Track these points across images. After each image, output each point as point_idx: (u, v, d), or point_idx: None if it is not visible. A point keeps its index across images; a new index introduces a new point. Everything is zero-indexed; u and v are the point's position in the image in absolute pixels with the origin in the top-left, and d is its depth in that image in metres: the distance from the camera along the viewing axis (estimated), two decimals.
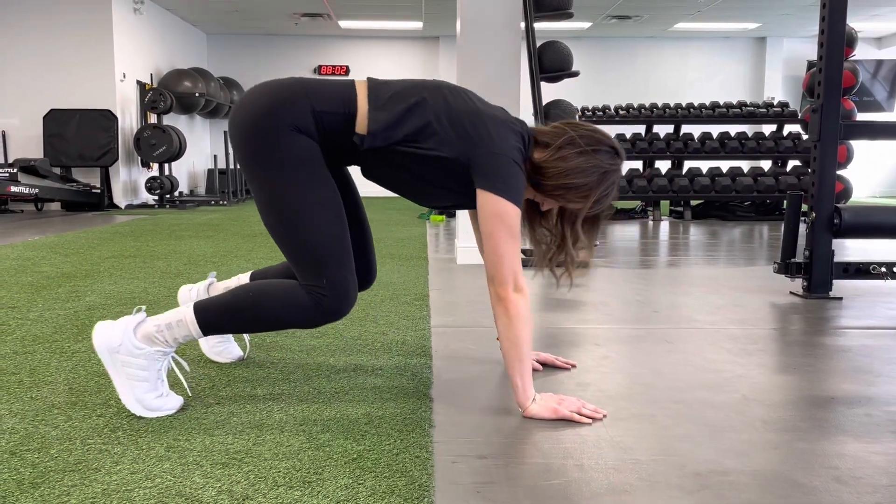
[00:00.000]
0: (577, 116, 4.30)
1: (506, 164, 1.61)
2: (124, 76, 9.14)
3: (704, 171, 7.90)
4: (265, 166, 1.63)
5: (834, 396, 1.81)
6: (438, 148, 1.63)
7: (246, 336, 2.14)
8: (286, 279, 1.74)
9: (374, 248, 1.98)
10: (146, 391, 1.61)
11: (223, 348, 2.07)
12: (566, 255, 1.79)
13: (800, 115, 8.37)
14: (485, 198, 1.61)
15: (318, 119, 1.62)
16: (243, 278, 2.02)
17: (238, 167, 10.74)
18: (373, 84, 1.69)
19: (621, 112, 8.53)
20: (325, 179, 1.66)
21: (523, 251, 1.76)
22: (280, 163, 1.61)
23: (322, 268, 1.63)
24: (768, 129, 10.61)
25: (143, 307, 1.69)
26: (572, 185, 1.67)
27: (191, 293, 2.03)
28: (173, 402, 1.66)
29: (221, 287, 2.02)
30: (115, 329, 1.61)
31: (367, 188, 2.07)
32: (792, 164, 8.24)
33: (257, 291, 1.68)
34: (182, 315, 1.64)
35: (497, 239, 1.60)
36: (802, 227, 3.24)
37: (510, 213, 1.60)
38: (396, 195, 2.05)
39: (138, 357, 1.61)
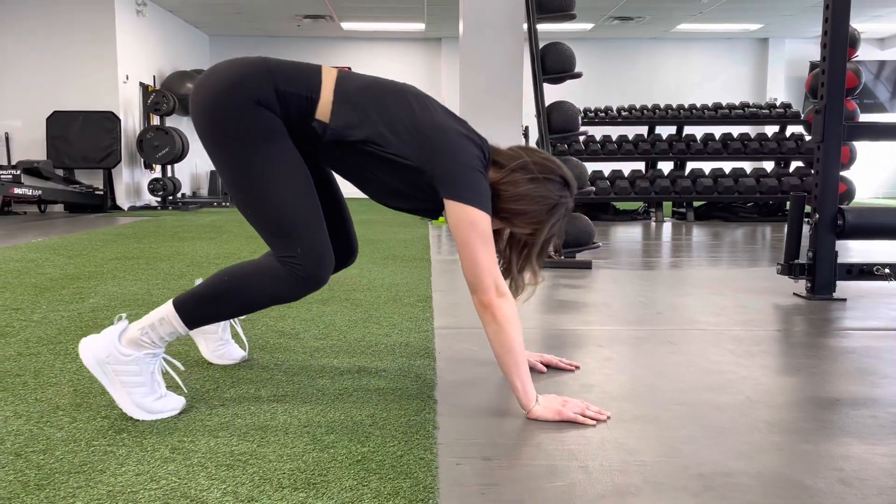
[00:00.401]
0: (579, 118, 4.29)
1: (470, 174, 1.62)
2: (127, 78, 9.16)
3: (707, 172, 7.90)
4: (228, 141, 1.62)
5: (838, 398, 1.81)
6: (399, 154, 1.63)
7: (243, 338, 2.14)
8: (261, 258, 1.73)
9: (352, 221, 1.97)
10: (144, 395, 1.61)
11: (224, 351, 2.07)
12: (511, 280, 1.79)
13: (802, 116, 8.36)
14: (454, 208, 1.61)
15: (280, 98, 1.62)
16: None
17: None
18: (341, 76, 1.69)
19: (624, 113, 8.52)
20: (289, 150, 1.64)
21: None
22: (242, 136, 1.60)
23: (293, 237, 1.62)
24: (771, 130, 10.60)
25: (125, 315, 1.67)
26: (520, 210, 1.68)
27: None
28: (174, 402, 1.66)
29: None
30: (100, 341, 1.61)
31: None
32: (795, 165, 8.24)
33: (232, 273, 1.66)
34: (163, 313, 1.63)
35: (472, 247, 1.60)
36: (806, 229, 3.24)
37: (481, 220, 1.60)
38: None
39: (129, 364, 1.60)
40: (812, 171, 3.21)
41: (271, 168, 1.61)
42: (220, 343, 2.06)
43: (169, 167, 9.49)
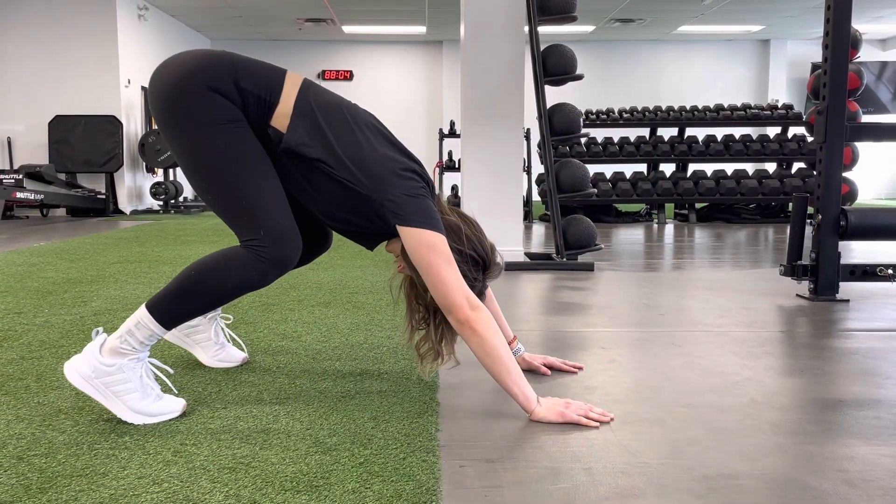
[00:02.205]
0: (581, 119, 4.29)
1: (420, 201, 1.64)
2: (129, 82, 9.18)
3: (709, 173, 7.90)
4: (185, 126, 1.61)
5: (842, 399, 1.80)
6: (350, 180, 1.63)
7: (233, 334, 2.13)
8: (226, 248, 1.72)
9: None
10: (139, 399, 1.60)
11: (224, 354, 2.07)
12: (430, 343, 1.76)
13: (804, 117, 8.35)
14: (411, 234, 1.61)
15: (240, 93, 1.62)
16: None
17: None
18: (304, 87, 1.69)
19: (625, 115, 8.52)
20: (246, 136, 1.63)
21: None
22: (199, 121, 1.60)
23: (255, 219, 1.61)
24: (773, 131, 10.58)
25: (101, 328, 1.66)
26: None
27: None
28: (173, 404, 1.65)
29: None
30: (82, 360, 1.60)
31: None
32: (797, 166, 8.23)
33: (198, 267, 1.65)
34: (138, 318, 1.62)
35: (436, 269, 1.61)
36: (808, 230, 3.23)
37: (438, 241, 1.61)
38: None
39: (115, 373, 1.59)
40: (814, 172, 3.20)
41: (229, 152, 1.61)
42: (217, 348, 2.06)
43: (171, 171, 9.50)
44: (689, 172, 8.10)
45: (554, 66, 4.23)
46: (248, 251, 1.62)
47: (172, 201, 9.30)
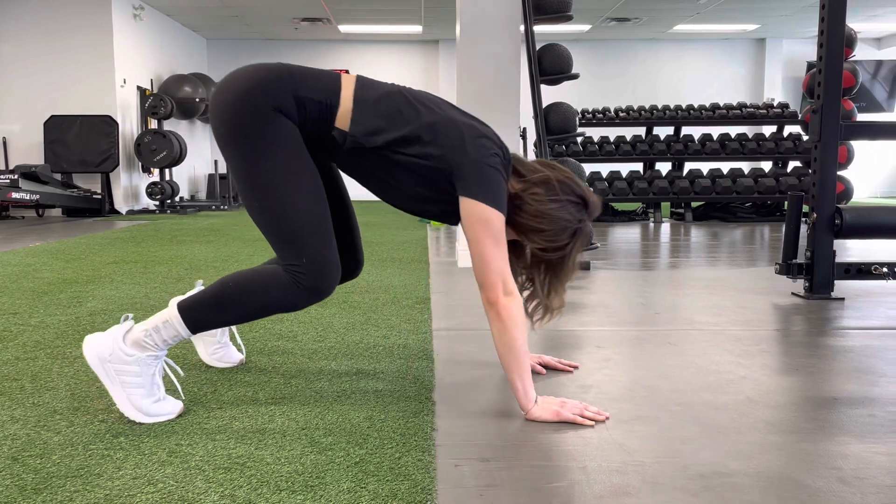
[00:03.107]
0: (577, 118, 4.29)
1: (490, 173, 1.61)
2: (125, 82, 9.16)
3: (705, 172, 7.90)
4: (244, 146, 1.62)
5: (837, 397, 1.81)
6: (422, 156, 1.63)
7: (238, 340, 2.13)
8: (266, 265, 1.73)
9: (360, 234, 1.97)
10: (143, 397, 1.61)
11: (222, 353, 2.07)
12: (538, 299, 1.78)
13: (800, 115, 8.37)
14: (468, 205, 1.60)
15: (299, 104, 1.61)
16: None
17: None
18: (360, 82, 1.69)
19: (621, 114, 8.53)
20: (304, 160, 1.64)
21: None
22: (259, 141, 1.60)
23: (301, 247, 1.62)
24: (768, 130, 10.61)
25: (131, 315, 1.68)
26: (537, 227, 1.67)
27: None
28: (172, 406, 1.65)
29: None
30: (105, 339, 1.61)
31: (367, 192, 2.06)
32: (792, 164, 8.24)
33: (237, 280, 1.66)
34: (168, 316, 1.63)
35: (483, 246, 1.60)
36: (804, 228, 3.24)
37: (494, 219, 1.60)
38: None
39: (130, 364, 1.60)
40: (810, 171, 3.21)
41: (285, 175, 1.61)
42: (218, 346, 2.06)
43: (167, 171, 9.49)
44: (686, 171, 8.11)
45: (550, 66, 4.23)
46: (287, 275, 1.62)
47: (168, 201, 9.28)
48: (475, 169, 1.60)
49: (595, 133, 8.76)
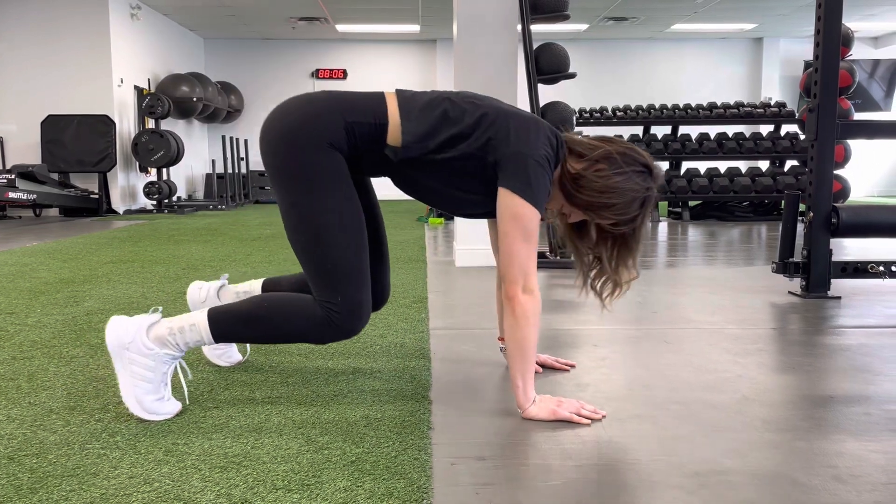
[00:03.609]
0: (574, 118, 4.30)
1: (533, 167, 1.60)
2: (122, 81, 9.14)
3: (702, 171, 7.91)
4: (293, 181, 1.63)
5: (833, 395, 1.81)
6: (470, 150, 1.63)
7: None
8: (301, 293, 1.74)
9: (390, 266, 1.97)
10: (147, 392, 1.62)
11: (223, 351, 2.07)
12: (607, 275, 1.76)
13: (797, 115, 8.38)
14: (505, 197, 1.60)
15: (349, 131, 1.63)
16: (255, 285, 2.02)
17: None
18: (402, 96, 1.69)
19: (619, 113, 8.53)
20: (350, 198, 1.66)
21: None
22: (308, 179, 1.62)
23: (338, 286, 1.63)
24: (766, 129, 10.61)
25: (160, 308, 1.69)
26: (606, 203, 1.64)
27: (200, 292, 2.04)
28: (171, 407, 1.66)
29: (232, 291, 2.03)
30: (130, 326, 1.62)
31: None
32: (790, 163, 8.25)
33: (272, 303, 1.68)
34: (196, 320, 1.65)
35: (511, 239, 1.60)
36: (800, 227, 3.25)
37: (528, 214, 1.59)
38: (396, 200, 2.04)
39: (146, 357, 1.62)
40: (806, 170, 3.21)
41: (330, 214, 1.63)
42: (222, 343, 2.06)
43: (164, 170, 9.47)
44: (683, 170, 8.11)
45: (547, 65, 4.23)
46: (322, 311, 1.64)
47: (166, 201, 9.27)
48: (517, 161, 1.60)
49: (592, 132, 8.75)
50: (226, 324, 1.66)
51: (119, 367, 1.62)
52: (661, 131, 8.74)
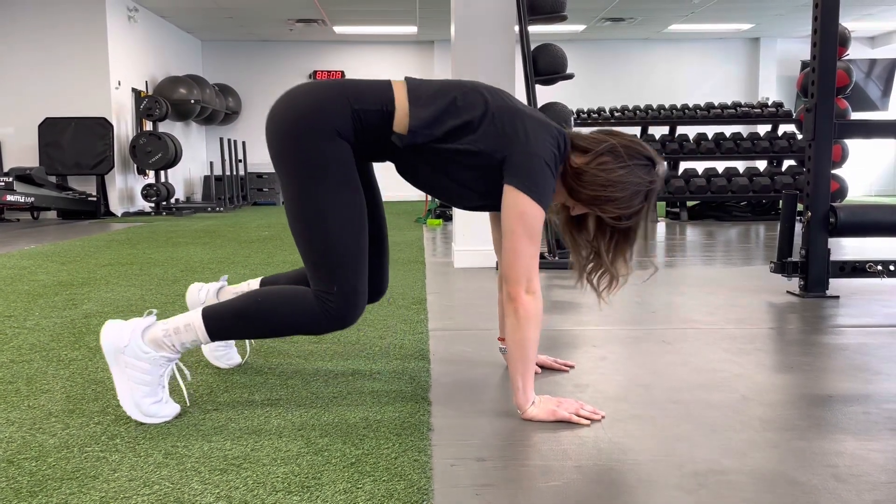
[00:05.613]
0: (571, 119, 4.30)
1: (539, 165, 1.60)
2: (119, 84, 9.14)
3: (700, 171, 7.91)
4: (298, 168, 1.63)
5: (832, 395, 1.82)
6: (478, 143, 1.62)
7: (248, 343, 2.14)
8: (296, 285, 1.74)
9: (389, 257, 1.97)
10: (145, 395, 1.61)
11: (223, 353, 2.07)
12: (604, 268, 1.76)
13: (794, 114, 8.39)
14: (510, 194, 1.60)
15: (356, 117, 1.62)
16: (253, 284, 2.02)
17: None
18: (412, 83, 1.69)
19: (616, 114, 8.54)
20: (353, 187, 1.66)
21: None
22: (313, 167, 1.62)
23: (335, 275, 1.63)
24: (763, 129, 10.61)
25: (155, 311, 1.69)
26: (610, 196, 1.64)
27: (200, 293, 2.04)
28: (170, 409, 1.65)
29: (231, 291, 2.03)
30: (125, 329, 1.62)
31: None
32: (787, 163, 8.26)
33: (265, 297, 1.68)
34: (190, 320, 1.64)
35: (515, 237, 1.60)
36: (798, 227, 3.25)
37: (533, 213, 1.59)
38: (395, 201, 2.04)
39: (143, 360, 1.61)
40: (804, 170, 3.22)
41: (332, 204, 1.62)
42: (222, 344, 2.06)
43: (162, 173, 9.47)
44: (681, 171, 8.12)
45: (545, 66, 4.23)
46: (317, 300, 1.63)
47: (164, 203, 9.26)
48: (525, 159, 1.60)
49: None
50: (220, 321, 1.65)
51: (116, 372, 1.61)
52: (658, 132, 8.75)
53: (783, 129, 8.73)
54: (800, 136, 7.98)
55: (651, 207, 1.71)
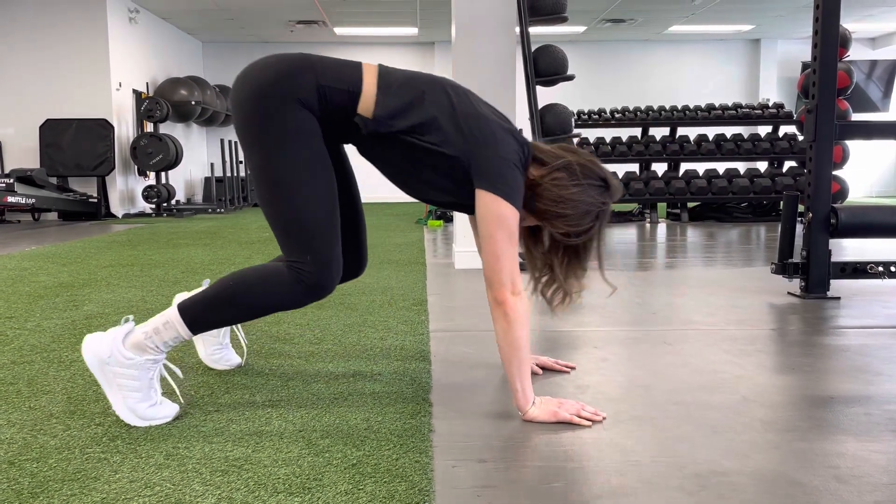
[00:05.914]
0: (572, 120, 4.30)
1: (508, 168, 1.61)
2: (120, 85, 9.15)
3: (701, 172, 7.91)
4: (263, 138, 1.62)
5: (833, 396, 1.81)
6: (441, 144, 1.63)
7: (243, 342, 2.14)
8: (268, 263, 1.73)
9: (367, 234, 1.97)
10: (139, 401, 1.61)
11: (221, 355, 2.07)
12: (557, 284, 1.78)
13: (795, 116, 8.39)
14: (485, 199, 1.61)
15: (321, 93, 1.62)
16: None
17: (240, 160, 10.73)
18: (383, 70, 1.70)
19: (617, 115, 8.54)
20: (321, 156, 1.64)
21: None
22: (278, 135, 1.60)
23: (307, 244, 1.62)
24: (764, 130, 10.64)
25: (131, 317, 1.67)
26: (560, 213, 1.66)
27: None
28: (167, 410, 1.65)
29: None
30: (104, 340, 1.60)
31: (366, 194, 2.07)
32: (788, 164, 8.26)
33: (238, 278, 1.66)
34: (168, 317, 1.63)
35: (495, 241, 1.60)
36: (799, 228, 3.25)
37: (510, 215, 1.60)
38: (395, 202, 2.05)
39: (129, 367, 1.60)
40: (805, 171, 3.22)
41: (300, 171, 1.61)
42: (217, 347, 2.06)
43: (163, 174, 9.48)
44: (681, 172, 8.12)
45: (545, 67, 4.23)
46: (290, 271, 1.62)
47: (165, 204, 9.27)
48: (496, 164, 1.61)
49: (591, 134, 8.77)
50: (197, 311, 1.64)
51: (105, 384, 1.60)
52: (659, 133, 8.75)
53: (784, 130, 8.74)
54: (801, 138, 7.97)
55: (601, 228, 1.71)
